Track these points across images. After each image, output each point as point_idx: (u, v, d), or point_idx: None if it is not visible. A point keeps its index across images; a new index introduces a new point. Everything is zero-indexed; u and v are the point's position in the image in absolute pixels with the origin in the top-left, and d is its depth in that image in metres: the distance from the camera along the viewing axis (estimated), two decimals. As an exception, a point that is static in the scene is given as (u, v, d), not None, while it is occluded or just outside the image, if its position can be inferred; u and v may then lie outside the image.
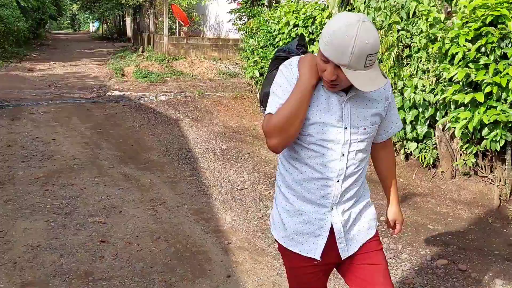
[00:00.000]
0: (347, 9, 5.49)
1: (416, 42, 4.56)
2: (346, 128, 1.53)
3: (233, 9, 11.00)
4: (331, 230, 1.61)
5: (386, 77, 1.49)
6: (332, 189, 1.57)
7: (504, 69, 3.68)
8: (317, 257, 1.62)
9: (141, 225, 3.77)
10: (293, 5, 6.85)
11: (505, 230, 3.69)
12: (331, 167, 1.55)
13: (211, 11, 19.00)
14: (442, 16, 4.31)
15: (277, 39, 7.18)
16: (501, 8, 3.70)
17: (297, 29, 6.61)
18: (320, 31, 6.24)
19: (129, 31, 29.01)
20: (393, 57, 4.73)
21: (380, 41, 4.84)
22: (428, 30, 4.32)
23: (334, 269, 1.76)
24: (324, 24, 6.10)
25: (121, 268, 3.10)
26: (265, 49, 7.69)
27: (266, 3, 9.44)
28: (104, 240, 3.49)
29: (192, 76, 13.87)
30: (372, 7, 5.02)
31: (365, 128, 1.57)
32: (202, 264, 3.19)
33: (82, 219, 3.84)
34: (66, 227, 3.68)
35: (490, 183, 4.25)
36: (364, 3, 5.06)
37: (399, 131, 1.77)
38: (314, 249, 1.62)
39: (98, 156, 5.63)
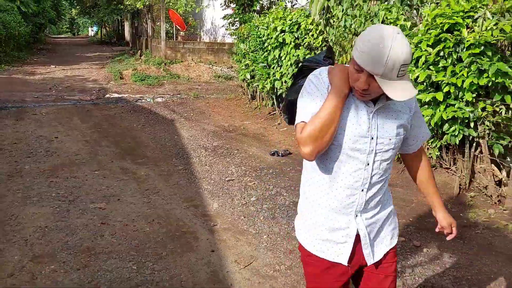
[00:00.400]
0: (327, 16, 5.99)
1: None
2: (372, 138, 1.58)
3: (226, 15, 11.55)
4: (357, 237, 1.67)
5: (416, 89, 1.64)
6: (356, 197, 1.63)
7: (460, 71, 4.18)
8: (344, 262, 1.67)
9: (137, 211, 4.24)
10: (280, 12, 7.36)
11: (461, 214, 4.17)
12: (356, 176, 1.60)
13: (207, 16, 19.54)
14: (409, 24, 4.81)
15: (266, 44, 7.68)
16: (457, 17, 4.19)
17: (284, 34, 7.11)
18: (305, 36, 6.75)
19: (127, 36, 29.56)
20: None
21: (347, 46, 5.36)
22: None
23: None
24: (309, 29, 6.62)
25: (119, 245, 3.57)
26: (256, 53, 8.19)
27: (257, 9, 9.94)
28: (104, 222, 3.96)
29: (188, 79, 14.38)
30: (349, 15, 5.52)
31: (390, 139, 1.61)
32: (190, 242, 3.66)
33: (84, 205, 4.32)
34: (70, 212, 4.16)
35: (453, 174, 4.73)
36: (342, 11, 5.56)
37: (428, 138, 1.85)
38: (341, 255, 1.67)
39: (98, 152, 6.11)
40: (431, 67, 4.39)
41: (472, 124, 4.29)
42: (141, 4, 14.49)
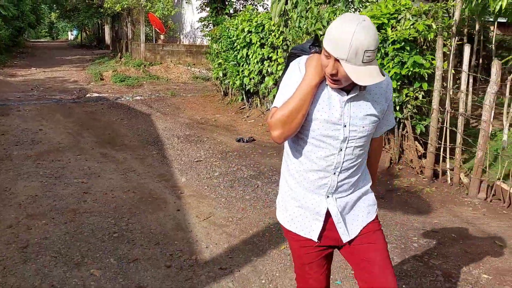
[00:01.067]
0: (285, 18, 6.86)
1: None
2: (345, 126, 1.66)
3: (200, 18, 12.36)
4: (329, 216, 1.77)
5: (385, 75, 1.63)
6: (328, 180, 1.73)
7: (387, 63, 5.07)
8: (314, 239, 1.79)
9: (115, 184, 5.00)
10: (247, 15, 8.22)
11: (388, 182, 5.05)
12: (328, 161, 1.70)
13: (187, 19, 20.34)
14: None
15: (235, 44, 8.52)
16: (383, 18, 5.09)
17: (251, 34, 7.96)
18: (268, 36, 7.61)
19: (107, 39, 30.15)
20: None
21: (299, 41, 6.21)
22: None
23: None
24: (271, 30, 7.48)
25: (99, 207, 4.34)
26: (227, 53, 9.02)
27: (229, 12, 10.78)
28: (86, 192, 4.72)
29: (167, 80, 15.14)
30: (303, 17, 6.39)
31: (363, 127, 1.69)
32: (159, 204, 4.44)
33: (69, 181, 5.06)
34: (56, 185, 4.90)
35: (386, 151, 5.62)
36: (297, 14, 6.44)
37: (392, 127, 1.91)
38: (312, 231, 1.79)
39: (80, 141, 6.84)
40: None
41: (398, 108, 5.18)
42: (120, 7, 15.22)
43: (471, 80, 6.28)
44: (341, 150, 1.68)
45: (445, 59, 4.93)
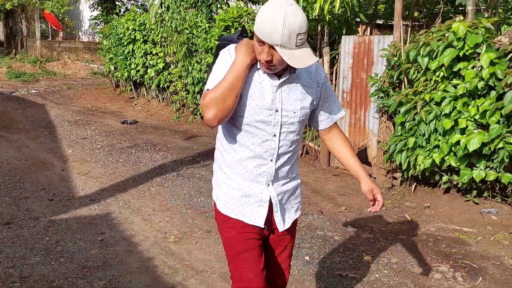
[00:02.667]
0: (160, 19, 8.28)
1: (198, 42, 7.47)
2: (277, 110, 1.69)
3: (91, 16, 13.36)
4: (270, 204, 1.80)
5: (316, 57, 1.63)
6: (266, 167, 1.74)
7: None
8: (261, 224, 1.79)
9: (10, 155, 6.07)
10: (131, 15, 9.50)
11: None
12: (264, 147, 1.72)
13: (85, 17, 20.85)
14: (207, 25, 7.27)
15: (123, 40, 9.75)
16: (228, 21, 6.72)
17: (135, 32, 9.25)
18: (150, 33, 8.97)
19: (1, 36, 29.20)
20: (184, 50, 7.60)
21: (173, 41, 7.71)
22: (202, 34, 7.26)
23: None
24: (152, 28, 8.85)
25: (-5, 171, 5.44)
26: (116, 48, 10.21)
27: (118, 12, 11.94)
28: (-17, 161, 5.77)
29: (64, 75, 15.78)
30: (174, 18, 7.85)
31: (295, 112, 1.73)
32: (48, 167, 5.64)
33: (-33, 155, 6.05)
34: (-44, 158, 5.88)
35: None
36: (168, 16, 7.89)
37: (342, 116, 1.95)
38: (257, 217, 1.79)
39: (-25, 127, 7.69)
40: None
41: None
42: (11, 5, 15.55)
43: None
44: (275, 135, 1.72)
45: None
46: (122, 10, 12.05)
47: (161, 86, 8.96)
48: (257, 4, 8.73)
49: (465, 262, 3.35)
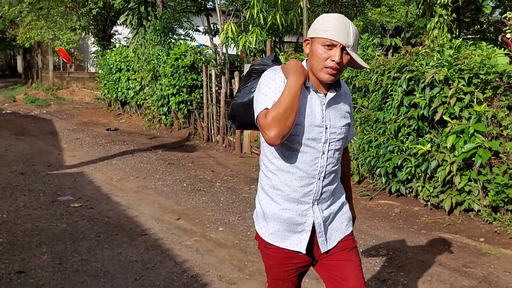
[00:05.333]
0: (137, 52, 11.36)
1: (159, 69, 10.47)
2: (326, 128, 1.80)
3: (90, 51, 16.77)
4: (313, 226, 1.84)
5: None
6: (313, 186, 1.81)
7: (177, 81, 9.67)
8: (303, 250, 1.84)
9: (25, 148, 9.04)
10: (118, 50, 12.66)
11: (190, 143, 9.58)
12: (313, 165, 1.80)
13: (93, 50, 24.38)
14: (166, 57, 10.28)
15: (112, 69, 12.86)
16: (177, 55, 9.72)
17: (121, 63, 12.36)
18: (130, 63, 12.07)
19: (20, 68, 33.13)
20: (151, 75, 10.61)
21: (144, 67, 10.79)
22: (161, 64, 10.28)
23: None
24: (132, 60, 11.94)
25: (14, 154, 8.39)
26: (108, 76, 13.34)
27: (112, 48, 15.19)
28: (8, 149, 8.74)
29: (72, 101, 19.04)
30: (145, 52, 10.89)
31: (341, 129, 1.85)
32: (49, 153, 8.57)
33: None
34: (-12, 149, 8.88)
35: (188, 129, 10.16)
36: (141, 51, 10.96)
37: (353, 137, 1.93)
38: (299, 243, 1.84)
39: (1, 133, 10.75)
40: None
41: (189, 103, 9.78)
42: (29, 44, 19.07)
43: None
44: (323, 153, 1.80)
45: (211, 77, 9.61)
46: (116, 45, 15.29)
47: (138, 103, 11.98)
48: (217, 36, 11.72)
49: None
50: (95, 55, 16.74)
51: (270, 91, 1.74)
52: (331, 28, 1.69)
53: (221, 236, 4.47)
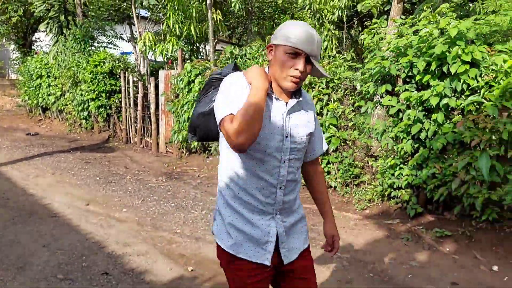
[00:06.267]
0: (57, 59, 11.86)
1: (79, 75, 11.07)
2: (287, 136, 1.78)
3: (10, 58, 16.87)
4: (277, 237, 1.82)
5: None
6: (275, 196, 1.80)
7: (98, 87, 10.36)
8: (267, 262, 1.80)
9: None
10: (39, 57, 13.05)
11: (108, 145, 10.26)
12: (274, 174, 1.78)
13: (13, 57, 24.03)
14: (86, 64, 10.92)
15: (33, 76, 13.20)
16: (97, 62, 10.41)
17: (42, 70, 12.75)
18: (51, 70, 12.52)
19: None
20: (71, 82, 11.18)
21: (64, 74, 11.34)
22: (81, 70, 10.90)
23: None
24: (51, 66, 12.41)
25: None
26: (29, 82, 13.64)
27: (32, 55, 15.47)
28: None
29: (-9, 108, 18.84)
30: (65, 60, 11.43)
31: (302, 138, 1.82)
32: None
33: None
34: None
35: (107, 131, 10.84)
36: (61, 58, 11.48)
37: (324, 151, 1.99)
38: (263, 255, 1.80)
39: None
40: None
41: (108, 107, 10.47)
42: None
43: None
44: (284, 162, 1.78)
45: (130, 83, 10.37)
46: (37, 52, 15.55)
47: (59, 108, 12.45)
48: (137, 44, 12.47)
49: (176, 177, 7.11)
50: (15, 62, 16.84)
51: (233, 96, 1.70)
52: (296, 36, 1.69)
53: (124, 215, 5.32)
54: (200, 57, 11.21)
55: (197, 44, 11.36)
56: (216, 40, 11.26)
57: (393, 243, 4.55)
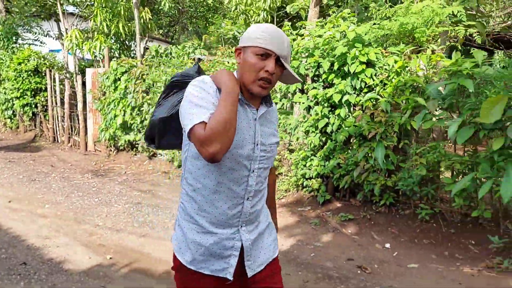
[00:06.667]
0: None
1: (2, 73, 10.76)
2: (257, 144, 1.69)
3: None
4: (241, 249, 1.73)
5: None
6: (241, 207, 1.70)
7: (22, 85, 10.15)
8: (230, 276, 1.71)
9: None
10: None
11: (35, 145, 10.06)
12: (242, 184, 1.68)
13: None
14: (9, 61, 10.64)
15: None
16: (20, 60, 10.18)
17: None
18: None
19: None
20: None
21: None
22: (4, 68, 10.59)
23: None
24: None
25: None
26: None
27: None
28: None
29: None
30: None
31: (271, 146, 1.75)
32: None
33: None
34: None
35: (33, 130, 10.65)
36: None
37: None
38: (225, 269, 1.71)
39: None
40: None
41: (33, 105, 10.29)
42: None
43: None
44: (253, 171, 1.69)
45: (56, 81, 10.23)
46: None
47: (-19, 107, 12.01)
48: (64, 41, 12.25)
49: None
50: None
51: (204, 102, 1.58)
52: (265, 36, 1.62)
53: (46, 211, 5.40)
54: (132, 55, 11.26)
55: (127, 42, 11.40)
56: (147, 38, 11.38)
57: (303, 227, 4.99)
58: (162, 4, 10.78)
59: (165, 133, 1.86)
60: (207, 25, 16.66)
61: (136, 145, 8.16)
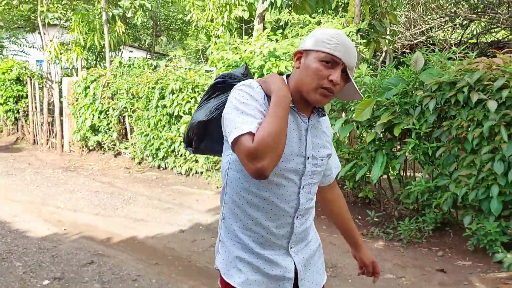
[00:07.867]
0: None
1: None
2: (309, 158, 1.56)
3: None
4: (295, 272, 1.61)
5: None
6: (290, 226, 1.58)
7: (4, 93, 11.19)
8: None
9: None
10: None
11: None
12: (291, 201, 1.55)
13: None
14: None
15: None
16: (4, 69, 11.23)
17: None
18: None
19: None
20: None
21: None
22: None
23: None
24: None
25: None
26: None
27: None
28: None
29: None
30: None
31: (322, 160, 1.61)
32: None
33: None
34: None
35: (14, 133, 11.66)
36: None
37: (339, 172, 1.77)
38: None
39: None
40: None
41: (16, 110, 11.32)
42: None
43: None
44: (303, 187, 1.57)
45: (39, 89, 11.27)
46: None
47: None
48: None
49: (72, 170, 8.27)
50: None
51: (251, 110, 1.45)
52: (334, 42, 1.48)
53: (19, 197, 6.44)
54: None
55: (103, 54, 12.50)
56: (122, 49, 12.50)
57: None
58: (135, 19, 11.88)
59: (204, 137, 1.75)
60: (182, 36, 17.83)
61: (103, 145, 9.22)
